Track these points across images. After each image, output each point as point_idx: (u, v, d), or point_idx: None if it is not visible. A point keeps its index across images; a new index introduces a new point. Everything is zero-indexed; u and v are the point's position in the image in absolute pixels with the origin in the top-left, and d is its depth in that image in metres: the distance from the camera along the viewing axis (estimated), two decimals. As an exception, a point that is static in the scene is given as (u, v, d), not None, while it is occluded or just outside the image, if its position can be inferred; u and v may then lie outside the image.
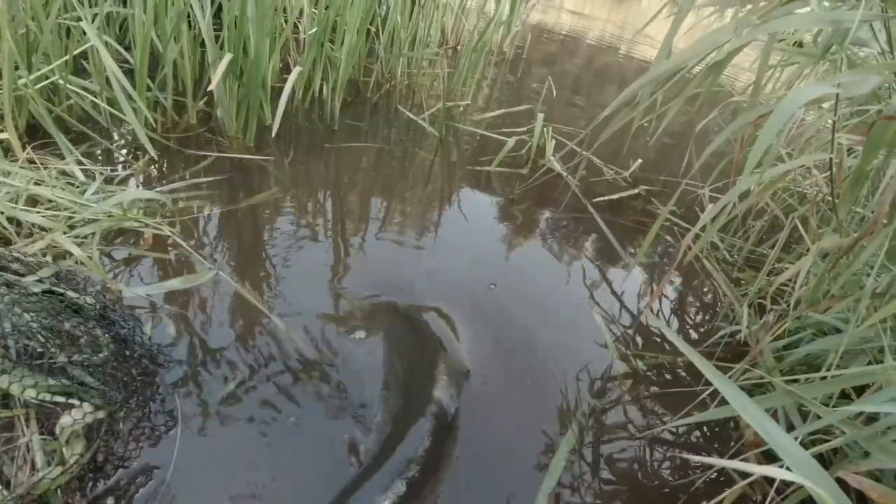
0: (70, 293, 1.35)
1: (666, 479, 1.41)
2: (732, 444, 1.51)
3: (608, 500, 1.32)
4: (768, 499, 1.26)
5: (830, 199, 1.94)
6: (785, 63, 3.22)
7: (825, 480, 0.71)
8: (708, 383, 1.55)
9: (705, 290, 2.18)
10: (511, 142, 2.78)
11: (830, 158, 1.58)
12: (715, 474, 1.42)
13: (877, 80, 1.11)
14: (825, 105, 1.83)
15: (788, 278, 1.66)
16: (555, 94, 3.91)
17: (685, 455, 0.87)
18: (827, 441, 1.16)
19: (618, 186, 2.84)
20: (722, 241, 2.42)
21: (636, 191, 2.82)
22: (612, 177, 2.91)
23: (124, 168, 2.08)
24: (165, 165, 2.20)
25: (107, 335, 1.25)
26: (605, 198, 2.68)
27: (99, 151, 2.15)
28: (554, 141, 2.93)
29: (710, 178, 2.26)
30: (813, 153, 1.88)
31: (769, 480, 1.35)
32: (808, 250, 1.63)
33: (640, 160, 3.04)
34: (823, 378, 1.27)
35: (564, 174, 2.77)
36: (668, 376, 1.72)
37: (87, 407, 1.11)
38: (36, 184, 1.76)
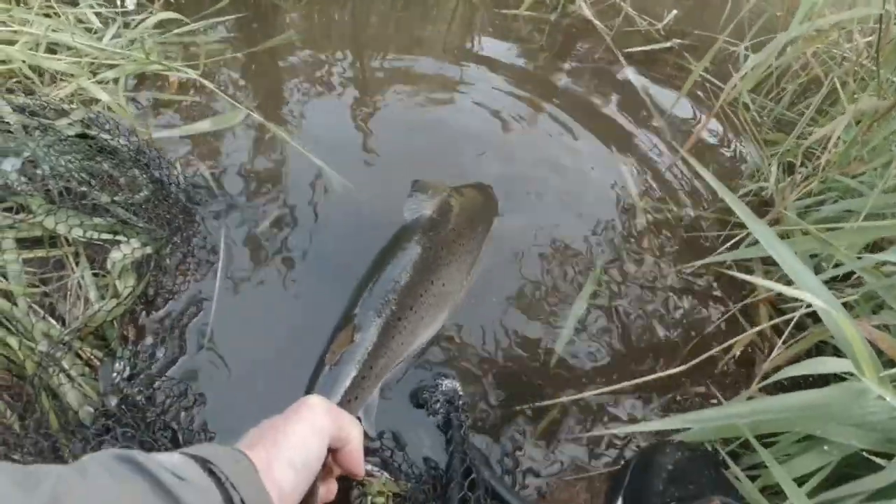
0: (103, 135, 1.36)
1: (677, 327, 1.49)
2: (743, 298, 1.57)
3: (620, 344, 1.41)
4: (775, 349, 1.33)
5: (872, 61, 1.86)
6: None
7: (845, 313, 0.75)
8: (728, 238, 1.61)
9: (731, 151, 2.15)
10: (540, -18, 2.62)
11: (881, 15, 1.50)
12: (724, 325, 1.50)
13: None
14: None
15: (821, 137, 1.63)
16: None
17: (733, 273, 0.89)
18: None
19: (651, 38, 2.69)
20: (753, 102, 2.33)
21: (668, 44, 2.68)
22: (645, 28, 2.75)
23: (138, 13, 2.01)
24: (179, 9, 2.12)
25: (144, 175, 1.28)
26: (637, 48, 2.56)
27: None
28: (586, -16, 2.74)
29: (748, 36, 2.14)
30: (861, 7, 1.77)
31: (778, 332, 1.42)
32: (843, 112, 1.59)
33: (675, 11, 2.85)
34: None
35: (595, 21, 2.62)
36: (691, 230, 1.75)
37: (134, 242, 1.17)
38: (53, 31, 1.71)
